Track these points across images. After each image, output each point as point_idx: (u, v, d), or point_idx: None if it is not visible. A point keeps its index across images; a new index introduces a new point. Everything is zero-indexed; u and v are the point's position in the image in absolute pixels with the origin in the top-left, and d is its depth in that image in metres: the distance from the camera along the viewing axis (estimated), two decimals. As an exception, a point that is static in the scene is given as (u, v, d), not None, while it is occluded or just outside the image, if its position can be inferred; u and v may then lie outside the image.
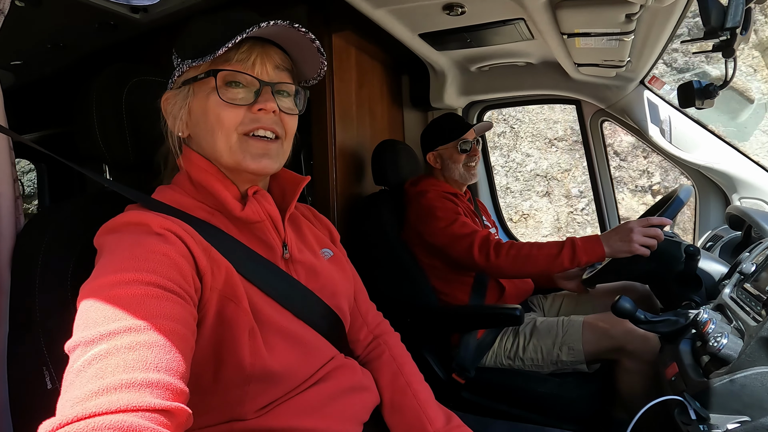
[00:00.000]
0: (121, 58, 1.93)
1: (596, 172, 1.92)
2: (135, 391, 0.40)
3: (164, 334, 0.45)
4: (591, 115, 1.86)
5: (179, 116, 0.65)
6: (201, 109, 0.64)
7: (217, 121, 0.62)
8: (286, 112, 0.67)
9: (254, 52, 0.63)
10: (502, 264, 1.28)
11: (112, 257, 0.52)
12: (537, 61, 1.71)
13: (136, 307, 0.46)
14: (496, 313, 1.32)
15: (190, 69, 0.64)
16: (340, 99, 1.57)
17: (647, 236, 1.16)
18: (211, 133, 0.63)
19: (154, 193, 0.67)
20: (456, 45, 1.55)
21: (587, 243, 1.24)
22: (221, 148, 0.63)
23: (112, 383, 0.40)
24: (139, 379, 0.41)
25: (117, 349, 0.42)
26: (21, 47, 1.89)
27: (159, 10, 1.61)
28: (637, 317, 0.93)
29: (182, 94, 0.65)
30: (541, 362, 1.31)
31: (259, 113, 0.63)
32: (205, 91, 0.63)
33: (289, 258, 0.71)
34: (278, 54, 0.66)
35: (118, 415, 0.38)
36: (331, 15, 1.50)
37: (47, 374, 0.61)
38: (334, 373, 0.71)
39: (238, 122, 0.63)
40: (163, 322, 0.46)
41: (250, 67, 0.63)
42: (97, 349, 0.42)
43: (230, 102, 0.62)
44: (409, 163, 1.64)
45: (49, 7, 1.53)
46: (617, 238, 1.20)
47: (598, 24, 1.19)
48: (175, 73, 0.66)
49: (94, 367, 0.41)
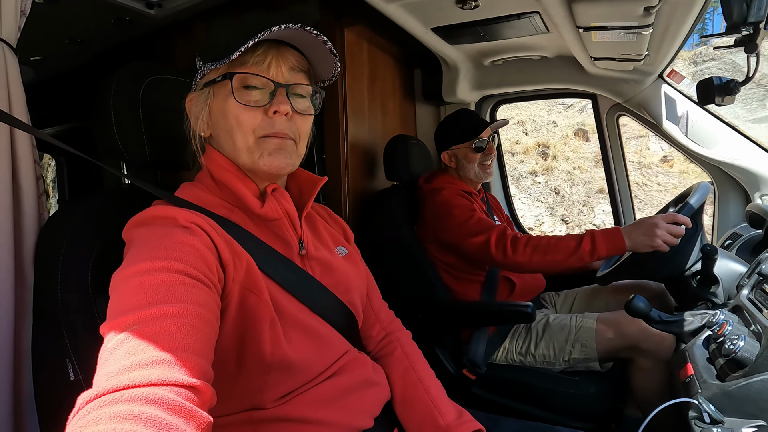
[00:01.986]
0: (136, 53, 1.95)
1: (612, 168, 1.89)
2: (165, 367, 0.42)
3: (191, 318, 0.48)
4: (607, 109, 1.83)
5: (201, 116, 0.68)
6: (220, 111, 0.66)
7: (236, 123, 0.64)
8: (301, 113, 0.68)
9: (269, 54, 0.64)
10: (520, 259, 1.26)
11: (142, 247, 0.54)
12: (552, 55, 1.68)
13: (165, 292, 0.49)
14: (507, 310, 1.31)
15: (210, 71, 0.66)
16: (352, 94, 1.56)
17: (671, 233, 1.14)
18: (230, 134, 0.65)
19: (177, 190, 0.69)
20: (469, 39, 1.53)
21: (608, 235, 1.21)
22: (240, 148, 0.65)
23: (144, 359, 0.42)
24: (168, 357, 0.43)
25: (148, 329, 0.45)
26: (40, 43, 1.93)
27: (173, 5, 1.62)
28: (652, 317, 0.92)
29: (203, 96, 0.67)
30: (553, 359, 1.31)
31: (274, 116, 0.65)
32: (223, 94, 0.65)
33: (305, 255, 0.72)
34: (294, 55, 0.67)
35: (149, 388, 0.40)
36: (342, 9, 1.49)
37: (70, 366, 0.63)
38: (348, 367, 0.73)
39: (256, 125, 0.65)
40: (190, 307, 0.49)
41: (265, 69, 0.64)
42: (130, 330, 0.45)
43: (246, 104, 0.64)
44: (421, 159, 1.64)
45: (67, 3, 1.56)
46: (640, 232, 1.16)
47: (616, 17, 1.17)
48: (198, 74, 0.68)
49: (127, 345, 0.44)
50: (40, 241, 0.70)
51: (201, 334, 0.48)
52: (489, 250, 1.30)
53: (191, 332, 0.47)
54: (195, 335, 0.47)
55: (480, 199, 1.58)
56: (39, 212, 0.73)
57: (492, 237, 1.30)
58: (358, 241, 0.93)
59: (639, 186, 8.93)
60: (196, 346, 0.46)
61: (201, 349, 0.47)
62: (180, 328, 0.46)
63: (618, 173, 1.89)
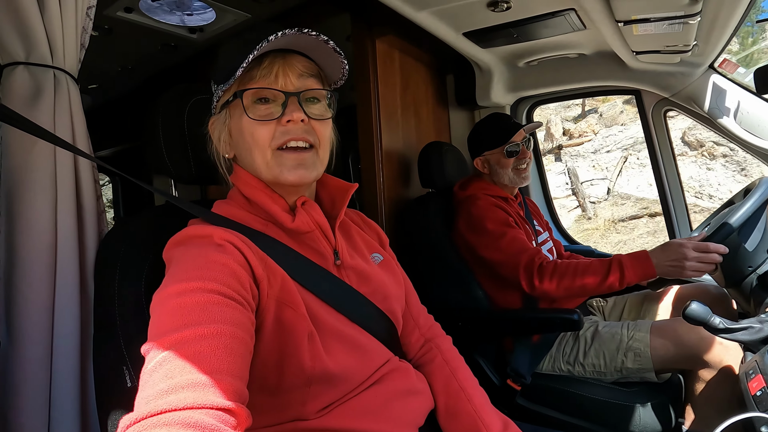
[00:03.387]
0: (180, 76, 2.07)
1: (661, 168, 1.77)
2: (200, 390, 0.44)
3: (225, 338, 0.49)
4: (653, 105, 1.73)
5: (222, 138, 0.69)
6: (237, 130, 0.67)
7: (252, 140, 0.65)
8: (317, 119, 0.67)
9: (275, 64, 0.64)
10: (547, 289, 1.24)
11: (178, 268, 0.56)
12: (590, 52, 1.62)
13: (200, 313, 0.50)
14: (552, 318, 1.26)
15: (224, 93, 0.67)
16: (385, 103, 1.58)
17: (703, 262, 1.08)
18: (249, 152, 0.66)
19: (213, 208, 0.71)
20: (502, 41, 1.51)
21: (636, 262, 1.17)
22: (259, 164, 0.66)
23: (180, 383, 0.44)
24: (203, 379, 0.45)
25: (183, 352, 0.46)
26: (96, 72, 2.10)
27: (213, 29, 1.72)
28: (713, 324, 0.86)
29: (221, 118, 0.69)
30: (604, 369, 1.24)
31: (288, 125, 0.65)
32: (237, 113, 0.66)
33: (340, 264, 0.72)
34: (301, 61, 0.66)
35: (185, 412, 0.42)
36: (373, 21, 1.51)
37: (127, 373, 0.66)
38: (390, 376, 0.72)
39: (271, 137, 0.65)
40: (224, 327, 0.50)
41: (273, 80, 0.64)
42: (167, 352, 0.47)
43: (259, 119, 0.64)
44: (455, 165, 1.62)
45: (119, 34, 1.68)
46: (667, 263, 1.13)
47: (658, 8, 1.11)
48: (214, 98, 0.70)
49: (164, 368, 0.45)
50: (99, 256, 0.75)
51: (235, 355, 0.49)
52: (517, 277, 1.27)
53: (226, 353, 0.48)
54: (229, 356, 0.48)
55: (517, 204, 1.54)
56: (100, 229, 0.78)
57: (521, 263, 1.27)
58: (395, 248, 0.93)
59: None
60: (231, 367, 0.47)
61: (235, 369, 0.48)
62: (215, 350, 0.47)
63: (668, 172, 1.78)
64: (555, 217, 2.15)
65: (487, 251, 1.34)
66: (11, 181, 0.70)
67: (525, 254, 1.28)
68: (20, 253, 0.69)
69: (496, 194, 1.47)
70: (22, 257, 0.69)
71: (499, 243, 1.32)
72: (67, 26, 0.71)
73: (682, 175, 2.10)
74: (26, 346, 0.69)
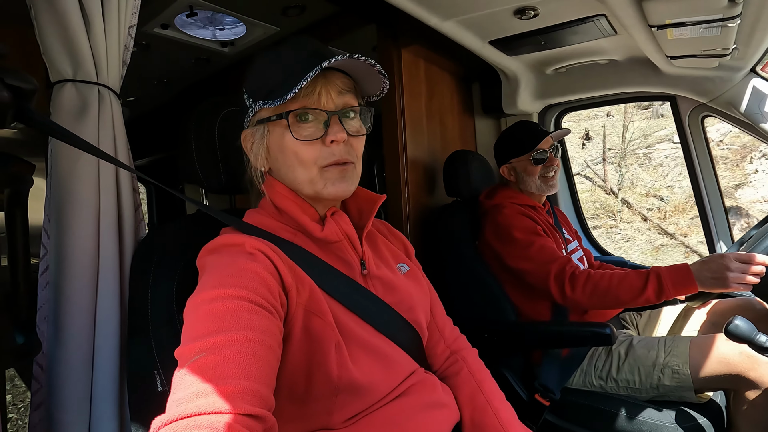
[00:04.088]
0: (212, 88, 2.15)
1: (699, 178, 1.69)
2: (228, 396, 0.45)
3: (254, 345, 0.50)
4: (689, 111, 1.67)
5: (259, 153, 0.71)
6: (278, 147, 0.68)
7: (296, 159, 0.67)
8: (354, 135, 0.69)
9: (318, 83, 0.65)
10: (579, 298, 1.20)
11: (211, 275, 0.58)
12: (621, 58, 1.58)
13: (230, 319, 0.52)
14: (582, 332, 1.22)
15: (263, 110, 0.68)
16: (410, 112, 1.59)
17: (747, 273, 1.02)
18: (291, 168, 0.68)
19: (244, 217, 0.73)
20: (529, 49, 1.49)
21: (675, 275, 1.11)
22: (302, 180, 0.68)
23: (210, 388, 0.46)
24: (232, 385, 0.46)
25: (214, 356, 0.48)
26: (135, 86, 2.21)
27: (243, 42, 1.78)
28: (758, 342, 0.81)
29: (259, 133, 0.70)
30: (639, 386, 1.19)
31: (332, 145, 0.66)
32: (279, 131, 0.67)
33: (367, 274, 0.73)
34: (340, 78, 0.68)
35: (213, 416, 0.43)
36: (399, 31, 1.53)
37: (158, 378, 0.68)
38: (415, 388, 0.72)
39: (316, 157, 0.66)
40: (253, 334, 0.51)
41: (315, 100, 0.65)
42: (198, 356, 0.49)
43: (305, 140, 0.65)
44: (481, 173, 1.60)
45: (156, 49, 1.77)
46: (709, 275, 1.07)
47: (694, 11, 1.07)
48: (249, 112, 0.70)
49: (195, 372, 0.47)
50: (134, 264, 0.78)
51: (263, 361, 0.50)
52: (548, 287, 1.24)
53: (254, 359, 0.49)
54: (257, 362, 0.49)
55: (545, 212, 1.50)
56: (137, 238, 0.81)
57: (551, 272, 1.24)
58: (420, 257, 0.92)
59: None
60: (258, 373, 0.49)
61: (263, 376, 0.49)
62: (243, 356, 0.49)
63: (707, 181, 1.70)
64: (585, 226, 2.09)
65: (515, 260, 1.32)
66: (59, 191, 0.74)
67: (555, 263, 1.25)
68: (67, 258, 0.73)
69: (524, 203, 1.44)
70: (69, 263, 0.73)
71: (528, 251, 1.29)
72: (110, 45, 0.75)
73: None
74: (70, 347, 0.73)
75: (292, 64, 0.65)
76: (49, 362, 0.74)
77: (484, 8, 1.22)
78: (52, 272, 0.75)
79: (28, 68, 0.73)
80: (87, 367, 0.73)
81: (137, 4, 0.80)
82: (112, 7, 0.74)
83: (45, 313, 0.76)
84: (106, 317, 0.75)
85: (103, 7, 0.73)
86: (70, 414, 0.72)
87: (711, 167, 1.69)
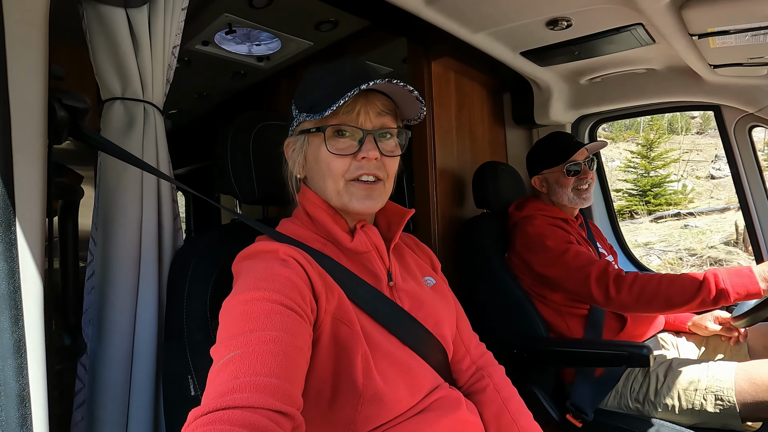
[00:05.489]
0: (248, 101, 2.24)
1: (747, 190, 1.59)
2: (261, 392, 0.48)
3: (285, 345, 0.53)
4: (735, 121, 1.58)
5: (297, 161, 0.74)
6: (314, 157, 0.72)
7: (327, 169, 0.70)
8: (388, 155, 0.71)
9: (358, 103, 0.68)
10: (625, 300, 1.14)
11: (247, 279, 0.61)
12: (660, 67, 1.53)
13: (264, 320, 0.54)
14: (617, 352, 1.17)
15: (305, 121, 0.72)
16: (439, 124, 1.59)
17: None
18: (322, 178, 0.71)
19: (278, 226, 0.76)
20: (562, 59, 1.47)
21: (736, 277, 1.04)
22: (330, 191, 0.71)
23: (244, 383, 0.48)
24: (263, 382, 0.48)
25: (248, 355, 0.51)
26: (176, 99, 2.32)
27: (278, 57, 1.84)
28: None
29: (300, 142, 0.74)
30: (678, 411, 1.12)
31: (362, 161, 0.69)
32: (316, 142, 0.71)
33: (393, 286, 0.74)
34: (381, 100, 0.70)
35: (245, 411, 0.46)
36: (429, 43, 1.54)
37: (191, 382, 0.71)
38: (440, 404, 0.71)
39: (345, 170, 0.69)
40: (284, 335, 0.54)
41: (354, 117, 0.68)
42: (233, 353, 0.51)
43: (338, 153, 0.68)
44: (511, 185, 1.58)
45: (196, 64, 1.86)
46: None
47: (739, 19, 1.03)
48: (294, 122, 0.75)
49: (230, 368, 0.50)
50: (171, 272, 0.82)
51: (293, 362, 0.53)
52: (589, 289, 1.18)
53: (285, 359, 0.52)
54: (288, 362, 0.52)
55: (578, 225, 1.46)
56: (176, 246, 0.86)
57: (592, 274, 1.19)
58: (448, 270, 0.92)
59: None
60: (288, 373, 0.51)
61: (292, 376, 0.52)
62: (275, 355, 0.51)
63: (756, 196, 1.60)
64: (622, 241, 2.01)
65: (548, 268, 1.28)
66: (106, 202, 0.79)
67: (595, 265, 1.20)
68: (111, 265, 0.78)
69: (555, 215, 1.41)
70: (112, 269, 0.78)
71: (563, 258, 1.25)
72: (155, 65, 0.81)
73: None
74: (112, 348, 0.77)
75: (336, 83, 0.68)
76: (92, 363, 0.79)
77: (515, 20, 1.21)
78: (98, 278, 0.80)
79: (82, 87, 0.79)
80: (126, 368, 0.78)
81: (181, 26, 0.85)
82: (158, 30, 0.79)
83: (89, 316, 0.81)
84: (145, 322, 0.79)
85: (150, 30, 0.78)
86: (110, 413, 0.77)
87: (760, 178, 1.59)
